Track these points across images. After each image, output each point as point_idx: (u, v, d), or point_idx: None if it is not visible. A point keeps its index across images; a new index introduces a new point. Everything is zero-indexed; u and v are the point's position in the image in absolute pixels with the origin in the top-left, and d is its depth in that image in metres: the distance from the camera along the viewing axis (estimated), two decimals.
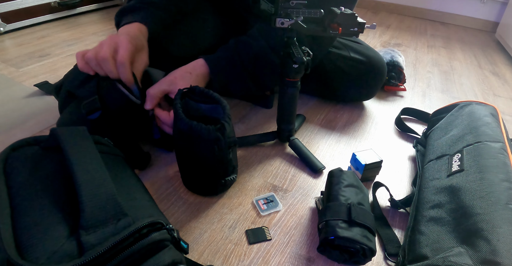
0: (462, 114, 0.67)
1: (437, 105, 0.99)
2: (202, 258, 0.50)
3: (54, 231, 0.34)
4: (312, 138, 0.80)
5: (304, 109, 0.91)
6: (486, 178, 0.48)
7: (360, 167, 0.64)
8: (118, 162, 0.50)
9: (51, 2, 1.42)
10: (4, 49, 1.18)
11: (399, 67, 1.02)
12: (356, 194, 0.53)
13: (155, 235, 0.36)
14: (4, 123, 0.78)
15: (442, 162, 0.58)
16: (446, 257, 0.41)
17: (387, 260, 0.52)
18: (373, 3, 2.07)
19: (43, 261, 0.31)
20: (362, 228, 0.48)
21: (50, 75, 1.00)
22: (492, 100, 1.06)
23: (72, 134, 0.43)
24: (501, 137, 0.57)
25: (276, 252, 0.52)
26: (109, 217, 0.35)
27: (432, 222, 0.48)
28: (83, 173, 0.38)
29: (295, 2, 0.55)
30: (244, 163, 0.70)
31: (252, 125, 0.82)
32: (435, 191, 0.53)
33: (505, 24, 1.59)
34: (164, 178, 0.65)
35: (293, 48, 0.61)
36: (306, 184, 0.66)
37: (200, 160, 0.54)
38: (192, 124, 0.51)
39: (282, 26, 0.56)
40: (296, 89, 0.66)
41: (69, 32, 1.36)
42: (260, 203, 0.60)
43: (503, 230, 0.41)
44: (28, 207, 0.36)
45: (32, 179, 0.39)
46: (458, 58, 1.40)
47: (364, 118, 0.89)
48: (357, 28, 0.55)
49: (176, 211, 0.58)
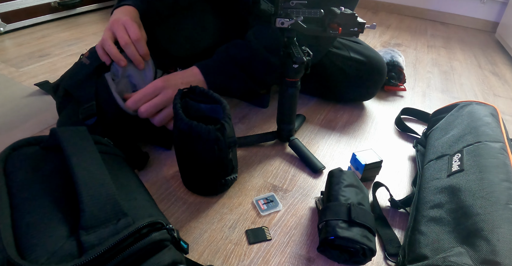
0: (462, 114, 0.67)
1: (437, 105, 0.99)
2: (202, 258, 0.50)
3: (54, 231, 0.34)
4: (312, 138, 0.80)
5: (304, 109, 0.91)
6: (486, 178, 0.48)
7: (360, 167, 0.64)
8: (118, 162, 0.50)
9: (51, 2, 1.42)
10: (4, 49, 1.18)
11: (399, 67, 1.02)
12: (356, 194, 0.53)
13: (155, 235, 0.36)
14: (4, 123, 0.78)
15: (442, 162, 0.58)
16: (446, 257, 0.41)
17: (387, 260, 0.52)
18: (373, 3, 2.06)
19: (43, 261, 0.31)
20: (362, 228, 0.48)
21: (50, 75, 1.00)
22: (492, 100, 1.06)
23: (72, 134, 0.43)
24: (501, 137, 0.57)
25: (276, 252, 0.52)
26: (109, 217, 0.35)
27: (432, 222, 0.48)
28: (83, 173, 0.38)
29: (295, 2, 0.55)
30: (244, 163, 0.70)
31: (252, 125, 0.82)
32: (435, 191, 0.53)
33: (505, 24, 1.59)
34: (164, 178, 0.65)
35: (293, 48, 0.61)
36: (306, 184, 0.66)
37: (200, 160, 0.54)
38: (192, 124, 0.51)
39: (282, 26, 0.56)
40: (296, 89, 0.66)
41: (69, 32, 1.36)
42: (260, 203, 0.60)
43: (503, 230, 0.41)
44: (28, 207, 0.36)
45: (32, 179, 0.39)
46: (458, 58, 1.40)
47: (364, 118, 0.89)
48: (357, 28, 0.55)
49: (176, 211, 0.58)
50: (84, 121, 0.60)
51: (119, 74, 0.67)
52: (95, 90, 0.63)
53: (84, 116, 0.60)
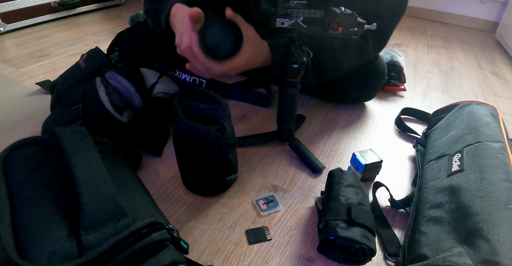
0: (462, 114, 0.67)
1: (437, 105, 0.99)
2: (202, 258, 0.50)
3: (54, 231, 0.34)
4: (312, 138, 0.80)
5: (304, 109, 0.91)
6: (486, 178, 0.48)
7: (360, 167, 0.64)
8: (118, 162, 0.50)
9: (51, 2, 1.42)
10: (4, 49, 1.18)
11: (399, 67, 1.02)
12: (356, 194, 0.53)
13: (155, 235, 0.36)
14: (4, 123, 0.78)
15: (442, 162, 0.58)
16: (446, 257, 0.41)
17: (387, 260, 0.52)
18: None
19: (43, 261, 0.31)
20: (362, 228, 0.48)
21: (50, 75, 1.00)
22: (492, 100, 1.06)
23: (72, 134, 0.43)
24: (501, 137, 0.57)
25: (276, 252, 0.52)
26: (109, 217, 0.35)
27: (432, 222, 0.48)
28: (83, 173, 0.38)
29: (295, 2, 0.55)
30: (244, 163, 0.70)
31: (252, 125, 0.82)
32: (435, 191, 0.53)
33: (505, 24, 1.59)
34: (164, 178, 0.65)
35: (293, 48, 0.61)
36: (306, 184, 0.66)
37: (200, 160, 0.54)
38: (192, 124, 0.51)
39: (282, 26, 0.56)
40: (296, 89, 0.66)
41: (69, 32, 1.36)
42: (260, 203, 0.60)
43: (503, 230, 0.41)
44: (28, 207, 0.36)
45: (32, 179, 0.39)
46: (458, 58, 1.40)
47: (364, 118, 0.89)
48: (357, 28, 0.55)
49: (176, 211, 0.58)
50: (70, 124, 0.59)
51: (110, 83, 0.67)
52: (83, 93, 0.63)
53: (69, 118, 0.60)
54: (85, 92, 0.63)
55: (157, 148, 0.71)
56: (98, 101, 0.61)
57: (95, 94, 0.61)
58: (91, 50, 0.74)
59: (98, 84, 0.62)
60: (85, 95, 0.62)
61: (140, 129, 0.68)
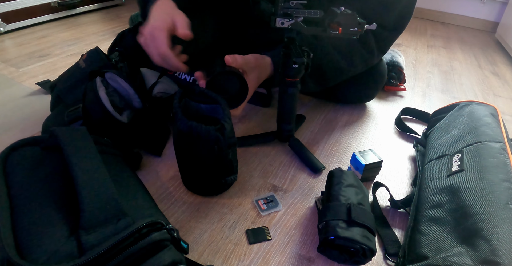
0: (462, 114, 0.67)
1: (437, 105, 0.99)
2: (202, 258, 0.50)
3: (54, 231, 0.34)
4: (312, 138, 0.80)
5: (304, 109, 0.91)
6: (486, 178, 0.48)
7: (360, 167, 0.64)
8: (118, 162, 0.50)
9: (51, 2, 1.42)
10: (4, 49, 1.18)
11: (399, 67, 1.02)
12: (356, 194, 0.53)
13: (155, 235, 0.36)
14: (4, 123, 0.78)
15: (442, 162, 0.58)
16: (446, 257, 0.41)
17: (387, 260, 0.52)
18: None
19: (43, 261, 0.31)
20: (362, 228, 0.48)
21: (50, 75, 1.00)
22: (492, 100, 1.06)
23: (72, 134, 0.43)
24: (501, 137, 0.57)
25: (276, 252, 0.52)
26: (109, 217, 0.35)
27: (432, 222, 0.48)
28: (83, 173, 0.38)
29: (295, 2, 0.55)
30: (244, 163, 0.70)
31: (252, 125, 0.82)
32: (435, 191, 0.53)
33: (505, 24, 1.59)
34: (164, 178, 0.65)
35: (293, 48, 0.61)
36: (306, 184, 0.66)
37: (200, 160, 0.54)
38: (191, 124, 0.51)
39: (282, 26, 0.56)
40: (296, 89, 0.66)
41: (69, 32, 1.36)
42: (260, 203, 0.60)
43: (503, 230, 0.41)
44: (28, 207, 0.36)
45: (32, 179, 0.39)
46: (458, 58, 1.40)
47: (364, 118, 0.89)
48: (357, 28, 0.55)
49: (176, 211, 0.58)
50: (70, 124, 0.59)
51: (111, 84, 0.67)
52: (83, 93, 0.63)
53: (69, 119, 0.60)
54: (85, 92, 0.63)
55: (157, 148, 0.71)
56: (98, 101, 0.61)
57: (95, 94, 0.61)
58: (91, 50, 0.74)
59: (98, 84, 0.62)
60: (85, 95, 0.62)
61: (140, 129, 0.68)
